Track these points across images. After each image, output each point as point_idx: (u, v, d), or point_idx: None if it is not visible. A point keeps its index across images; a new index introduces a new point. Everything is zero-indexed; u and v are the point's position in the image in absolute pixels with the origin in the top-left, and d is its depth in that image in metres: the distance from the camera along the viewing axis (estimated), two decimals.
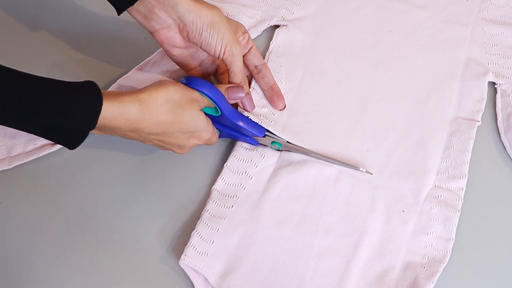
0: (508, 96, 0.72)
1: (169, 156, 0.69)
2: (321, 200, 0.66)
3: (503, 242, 0.65)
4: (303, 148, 0.68)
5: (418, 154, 0.69)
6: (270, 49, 0.76)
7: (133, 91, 0.58)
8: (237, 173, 0.67)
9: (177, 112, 0.59)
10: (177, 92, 0.59)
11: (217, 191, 0.67)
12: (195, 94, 0.61)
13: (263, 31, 0.78)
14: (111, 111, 0.55)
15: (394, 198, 0.66)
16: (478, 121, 0.71)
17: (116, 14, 0.63)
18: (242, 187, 0.67)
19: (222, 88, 0.64)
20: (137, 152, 0.70)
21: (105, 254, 0.64)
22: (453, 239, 0.64)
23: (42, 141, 0.69)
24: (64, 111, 0.53)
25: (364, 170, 0.67)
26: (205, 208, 0.65)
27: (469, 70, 0.74)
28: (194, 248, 0.62)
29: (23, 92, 0.51)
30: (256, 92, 0.71)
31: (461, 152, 0.69)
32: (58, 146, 0.69)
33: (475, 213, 0.66)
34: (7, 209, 0.67)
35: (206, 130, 0.63)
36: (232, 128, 0.66)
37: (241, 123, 0.65)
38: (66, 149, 0.69)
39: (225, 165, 0.68)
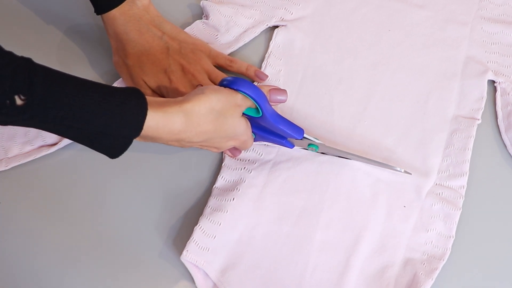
0: (508, 94, 0.72)
1: (168, 152, 0.69)
2: (322, 195, 0.66)
3: (503, 240, 0.65)
4: (341, 150, 0.67)
5: (419, 152, 0.69)
6: (269, 50, 0.76)
7: (176, 101, 0.57)
8: (236, 169, 0.68)
9: (219, 121, 0.58)
10: (220, 102, 0.58)
11: (218, 188, 0.67)
12: (237, 98, 0.59)
13: (262, 31, 0.78)
14: (155, 121, 0.54)
15: (395, 194, 0.66)
16: (479, 120, 0.71)
17: None
18: (242, 180, 0.67)
19: (265, 89, 0.64)
20: (136, 150, 0.69)
21: (105, 251, 0.64)
22: (453, 237, 0.64)
23: (39, 142, 0.69)
24: (110, 117, 0.51)
25: (402, 170, 0.66)
26: (206, 205, 0.65)
27: (469, 68, 0.74)
28: (196, 244, 0.62)
29: (69, 95, 0.50)
30: None
31: (462, 150, 0.69)
32: (55, 148, 0.68)
33: (476, 211, 0.66)
34: (7, 209, 0.67)
35: (245, 133, 0.63)
36: (269, 130, 0.65)
37: (281, 126, 0.64)
38: (65, 149, 0.69)
39: (223, 164, 0.68)
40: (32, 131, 0.69)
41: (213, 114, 0.57)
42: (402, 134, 0.70)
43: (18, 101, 0.46)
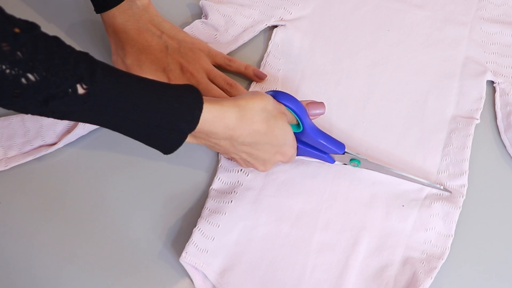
0: (507, 94, 0.73)
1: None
2: (320, 196, 0.66)
3: (502, 240, 0.65)
4: (383, 166, 0.66)
5: (418, 153, 0.69)
6: (268, 50, 0.76)
7: (229, 98, 0.58)
8: (233, 171, 0.67)
9: (270, 122, 0.58)
10: (271, 103, 0.59)
11: (215, 190, 0.67)
12: (283, 108, 0.61)
13: (261, 31, 0.78)
14: (212, 114, 0.54)
15: (394, 193, 0.66)
16: (477, 120, 0.71)
17: None
18: (240, 183, 0.66)
19: (303, 103, 0.64)
20: (135, 152, 0.70)
21: (105, 252, 0.64)
22: (452, 236, 0.64)
23: (38, 142, 0.69)
24: (166, 110, 0.51)
25: (441, 187, 0.66)
26: (204, 206, 0.65)
27: (468, 69, 0.74)
28: (195, 245, 0.62)
29: (127, 87, 0.50)
30: None
31: (461, 149, 0.69)
32: (55, 147, 0.68)
33: (476, 212, 0.67)
34: (7, 209, 0.67)
35: (292, 146, 0.62)
36: (310, 145, 0.64)
37: (321, 140, 0.63)
38: (65, 149, 0.69)
39: (219, 165, 0.68)
40: (32, 131, 0.69)
41: (265, 113, 0.58)
42: (401, 134, 0.70)
43: (80, 90, 0.47)
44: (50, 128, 0.69)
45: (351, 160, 0.65)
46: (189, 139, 0.56)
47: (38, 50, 0.45)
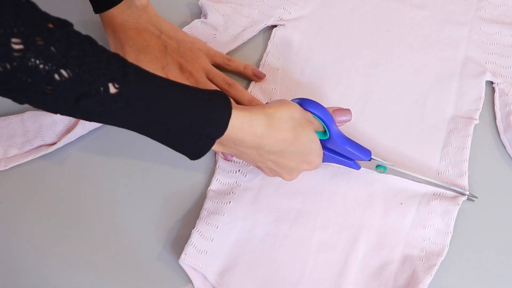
0: (507, 95, 0.73)
1: (165, 155, 0.69)
2: (318, 196, 0.66)
3: (502, 240, 0.66)
4: (409, 173, 0.65)
5: (417, 153, 0.69)
6: (267, 49, 0.76)
7: (257, 106, 0.57)
8: (231, 172, 0.67)
9: (297, 131, 0.58)
10: (298, 111, 0.58)
11: (213, 191, 0.67)
12: (309, 116, 0.60)
13: (260, 31, 0.78)
14: (240, 121, 0.54)
15: (392, 192, 0.66)
16: (476, 120, 0.71)
17: None
18: (238, 184, 0.67)
19: (330, 110, 0.63)
20: (134, 152, 0.70)
21: (104, 253, 0.64)
22: (451, 233, 0.64)
23: (38, 142, 0.69)
24: (196, 114, 0.51)
25: (468, 193, 0.65)
26: (203, 207, 0.65)
27: (467, 69, 0.74)
28: (194, 247, 0.62)
29: (158, 89, 0.50)
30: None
31: (460, 149, 0.69)
32: (55, 147, 0.68)
33: (476, 212, 0.67)
34: (7, 209, 0.67)
35: (318, 154, 0.62)
36: (336, 151, 0.64)
37: (348, 147, 0.62)
38: (64, 149, 0.69)
39: (217, 166, 0.68)
40: (31, 130, 0.69)
41: (292, 121, 0.57)
42: (400, 134, 0.70)
43: (112, 89, 0.46)
44: (50, 127, 0.69)
45: (377, 166, 0.65)
46: (216, 146, 0.55)
47: (71, 46, 0.44)
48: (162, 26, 0.72)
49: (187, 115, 0.51)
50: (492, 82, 0.74)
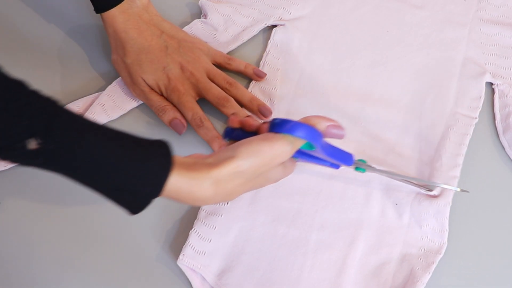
0: (506, 96, 0.72)
1: None
2: (315, 197, 0.66)
3: (502, 241, 0.66)
4: (388, 171, 0.64)
5: (416, 153, 0.69)
6: (267, 49, 0.76)
7: (205, 163, 0.51)
8: None
9: (250, 182, 0.53)
10: (253, 166, 0.51)
11: None
12: (279, 149, 0.52)
13: (260, 30, 0.78)
14: (177, 186, 0.49)
15: (388, 191, 0.66)
16: (475, 118, 0.71)
17: None
18: None
19: (323, 124, 0.55)
20: None
21: (103, 255, 0.65)
22: (447, 230, 0.64)
23: None
24: (130, 173, 0.47)
25: (458, 189, 0.64)
26: (201, 208, 0.65)
27: (467, 70, 0.74)
28: (192, 247, 0.63)
29: (88, 145, 0.45)
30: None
31: (457, 144, 0.69)
32: None
33: (476, 213, 0.67)
34: (7, 209, 0.67)
35: (283, 175, 0.57)
36: (318, 157, 0.60)
37: (332, 158, 0.58)
38: None
39: None
40: None
41: (240, 177, 0.52)
42: (399, 134, 0.70)
43: (32, 145, 0.43)
44: None
45: (356, 168, 0.62)
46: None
47: None
48: (163, 26, 0.72)
49: (119, 173, 0.46)
50: (491, 83, 0.74)
